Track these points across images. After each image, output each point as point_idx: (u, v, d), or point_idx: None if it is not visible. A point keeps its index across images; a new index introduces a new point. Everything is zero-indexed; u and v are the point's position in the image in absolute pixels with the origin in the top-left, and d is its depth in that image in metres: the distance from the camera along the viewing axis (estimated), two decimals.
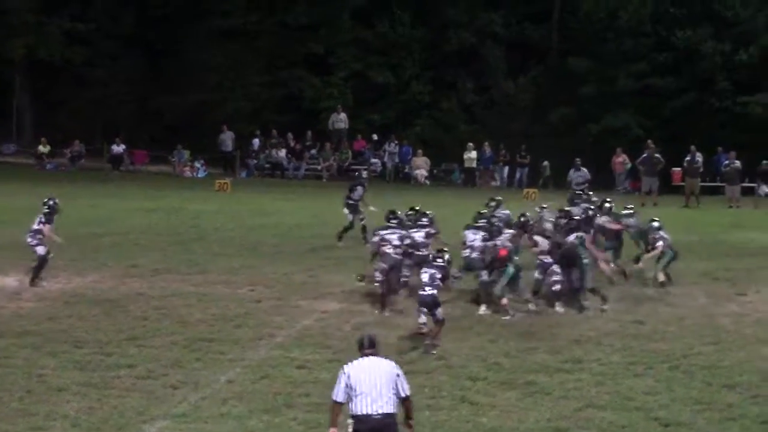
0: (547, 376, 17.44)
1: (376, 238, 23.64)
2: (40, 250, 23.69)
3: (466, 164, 51.87)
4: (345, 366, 12.39)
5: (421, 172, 52.45)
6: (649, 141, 45.40)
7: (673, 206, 40.33)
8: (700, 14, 58.32)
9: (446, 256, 20.51)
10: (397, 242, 22.75)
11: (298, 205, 39.96)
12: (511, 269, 21.75)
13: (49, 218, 24.10)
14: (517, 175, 52.39)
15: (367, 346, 12.43)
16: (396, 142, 54.19)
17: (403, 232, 23.48)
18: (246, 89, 58.51)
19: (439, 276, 19.76)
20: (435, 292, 19.33)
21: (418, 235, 23.70)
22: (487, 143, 52.36)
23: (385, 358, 12.58)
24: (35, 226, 23.84)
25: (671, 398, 16.46)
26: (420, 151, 53.05)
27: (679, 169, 47.32)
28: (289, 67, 58.76)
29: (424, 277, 19.72)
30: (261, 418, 15.28)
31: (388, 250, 22.41)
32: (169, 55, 58.71)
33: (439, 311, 19.18)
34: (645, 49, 58.33)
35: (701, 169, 44.83)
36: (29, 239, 23.82)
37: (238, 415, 15.37)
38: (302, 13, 58.48)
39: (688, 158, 44.63)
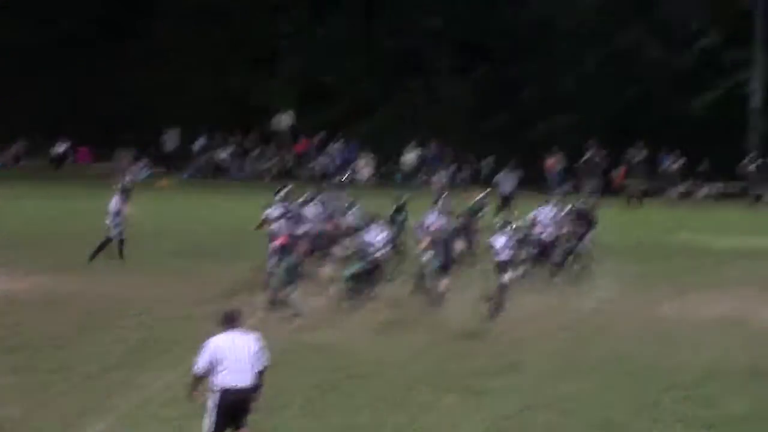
0: (486, 379, 17.37)
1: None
2: None
3: (408, 165, 51.85)
4: (210, 340, 12.77)
5: (366, 171, 52.36)
6: (590, 141, 45.58)
7: (615, 206, 40.45)
8: (640, 16, 58.60)
9: None
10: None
11: (239, 205, 39.61)
12: (291, 260, 21.85)
13: None
14: (462, 175, 52.39)
15: (230, 321, 12.81)
16: (342, 141, 54.06)
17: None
18: (190, 89, 58.08)
19: None
20: None
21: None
22: (432, 144, 52.35)
23: (250, 333, 12.93)
24: None
25: (610, 399, 16.43)
26: (364, 153, 52.96)
27: (621, 169, 47.54)
28: (233, 67, 58.36)
29: None
30: (199, 422, 15.10)
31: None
32: (113, 54, 58.15)
33: None
34: (586, 51, 58.57)
35: (644, 170, 45.06)
36: None
37: (176, 418, 15.18)
38: (247, 12, 58.09)
39: (635, 158, 44.83)
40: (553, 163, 47.41)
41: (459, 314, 21.93)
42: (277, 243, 22.68)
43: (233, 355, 12.57)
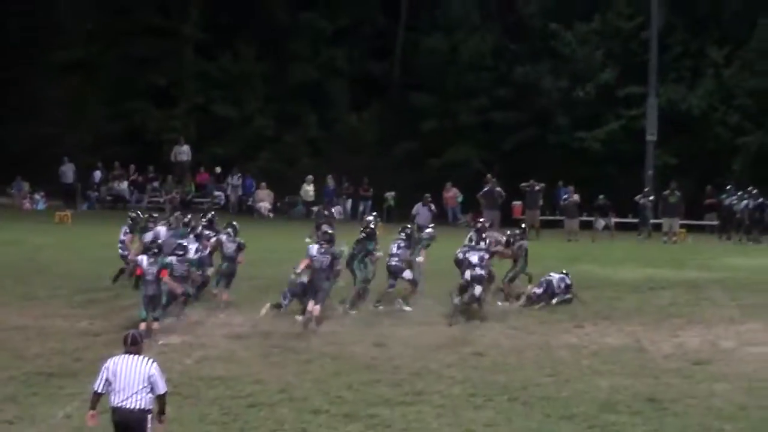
0: (388, 409, 17.49)
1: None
2: None
3: (305, 197, 51.87)
4: (108, 360, 13.20)
5: (265, 205, 52.35)
6: (489, 175, 46.00)
7: None
8: (538, 50, 59.53)
9: None
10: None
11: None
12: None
13: None
14: (361, 207, 52.59)
15: (129, 344, 13.17)
16: (239, 174, 53.96)
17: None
18: (88, 121, 57.59)
19: None
20: None
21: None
22: (330, 176, 52.47)
23: (146, 357, 13.19)
24: None
25: (510, 429, 16.65)
26: (263, 184, 52.91)
27: (519, 203, 48.07)
28: (131, 100, 57.91)
29: None
30: None
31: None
32: (9, 85, 57.46)
33: None
34: (486, 84, 59.27)
35: (541, 202, 45.57)
36: None
37: None
38: (144, 45, 57.74)
39: (527, 189, 45.33)
40: (452, 195, 47.74)
41: (363, 344, 22.05)
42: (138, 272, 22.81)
43: (123, 377, 12.93)
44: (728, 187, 45.84)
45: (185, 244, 24.57)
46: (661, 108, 53.47)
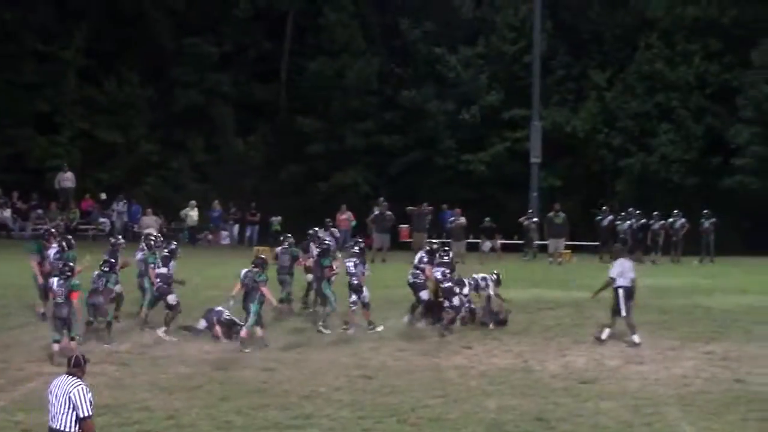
0: None
1: None
2: None
3: (188, 223, 51.36)
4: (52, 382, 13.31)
5: (151, 231, 51.76)
6: (381, 198, 46.09)
7: (402, 261, 40.97)
8: (424, 74, 60.02)
9: None
10: None
11: (23, 265, 38.66)
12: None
13: None
14: (248, 232, 52.35)
15: (71, 365, 13.26)
16: (125, 201, 53.38)
17: None
18: None
19: None
20: None
21: None
22: (216, 201, 52.16)
23: (76, 380, 13.09)
24: None
25: None
26: (149, 210, 52.38)
27: (406, 226, 48.26)
28: (15, 126, 56.94)
29: None
30: None
31: None
32: None
33: None
34: (372, 108, 59.56)
35: (428, 225, 45.77)
36: None
37: None
38: (28, 70, 56.91)
39: (415, 212, 45.50)
40: (346, 218, 47.72)
41: (253, 369, 21.98)
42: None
43: (54, 398, 13.02)
44: (603, 208, 46.55)
45: (72, 265, 24.33)
46: (545, 130, 54.15)
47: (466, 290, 26.80)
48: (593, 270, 39.84)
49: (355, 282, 26.27)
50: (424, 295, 26.97)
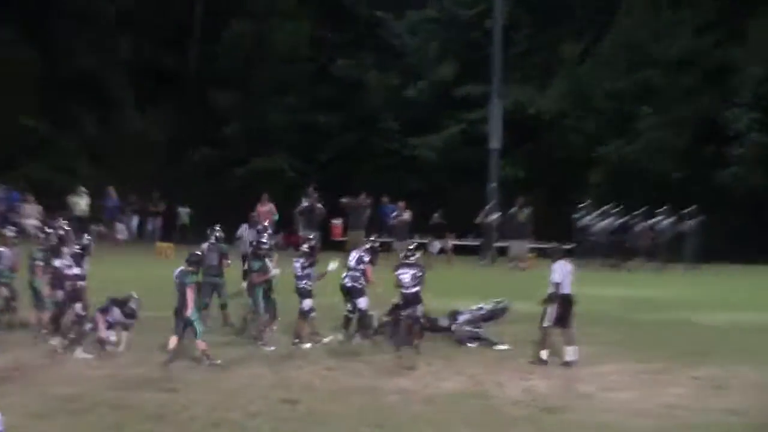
0: None
1: None
2: None
3: (77, 213, 50.78)
4: None
5: (32, 222, 51.27)
6: (311, 188, 45.78)
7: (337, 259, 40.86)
8: (363, 41, 59.94)
9: None
10: None
11: None
12: None
13: None
14: (149, 225, 52.04)
15: None
16: (2, 186, 52.81)
17: None
18: None
19: None
20: None
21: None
22: (111, 188, 51.68)
23: None
24: None
25: None
26: (31, 197, 51.78)
27: (339, 221, 48.13)
28: None
29: None
30: None
31: None
32: None
33: None
34: (301, 80, 59.38)
35: (366, 221, 45.68)
36: None
37: None
38: None
39: (351, 206, 45.36)
40: (267, 210, 47.37)
41: (150, 389, 21.75)
42: None
43: None
44: (581, 206, 46.64)
45: None
46: (506, 111, 54.17)
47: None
48: None
49: (301, 286, 26.54)
50: (363, 303, 26.99)
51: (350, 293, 27.20)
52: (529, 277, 40.38)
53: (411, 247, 28.85)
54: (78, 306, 25.25)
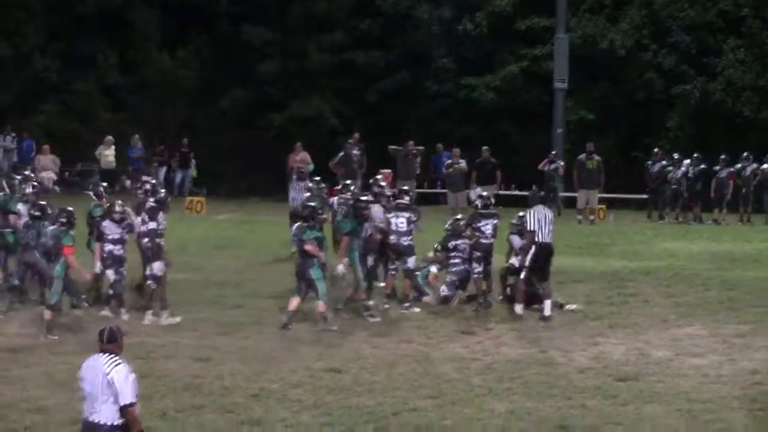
0: None
1: None
2: None
3: (104, 165, 50.90)
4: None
5: (48, 175, 51.61)
6: (357, 136, 45.80)
7: None
8: None
9: None
10: None
11: None
12: None
13: None
14: (178, 177, 52.31)
15: (105, 341, 13.48)
16: (13, 134, 53.21)
17: None
18: None
19: None
20: None
21: None
22: (137, 136, 51.87)
23: (114, 359, 13.32)
24: None
25: None
26: (47, 147, 52.12)
27: (388, 171, 48.21)
28: None
29: None
30: None
31: None
32: None
33: None
34: (342, 14, 59.29)
35: (418, 171, 45.73)
36: None
37: None
38: None
39: (399, 153, 45.39)
40: (302, 160, 47.38)
41: (181, 359, 21.97)
42: None
43: (88, 382, 13.31)
44: (655, 150, 46.43)
45: None
46: (573, 46, 54.00)
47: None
48: (636, 231, 40.03)
49: (408, 243, 27.15)
50: (411, 262, 27.15)
51: (402, 252, 27.24)
52: (598, 231, 40.43)
53: (483, 194, 29.02)
54: (157, 265, 25.53)
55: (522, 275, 25.88)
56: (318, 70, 58.41)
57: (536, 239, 25.70)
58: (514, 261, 27.16)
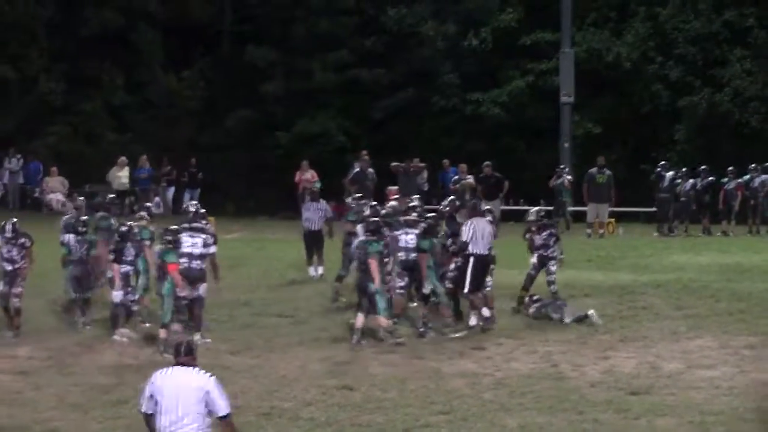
0: None
1: None
2: None
3: (116, 186, 50.85)
4: (155, 374, 13.62)
5: (57, 197, 51.67)
6: (364, 152, 45.75)
7: None
8: None
9: None
10: None
11: None
12: None
13: None
14: (187, 196, 52.31)
15: (183, 354, 13.61)
16: (20, 157, 53.28)
17: None
18: None
19: None
20: None
21: None
22: (144, 157, 51.88)
23: (201, 370, 13.54)
24: None
25: None
26: (54, 169, 52.21)
27: (394, 188, 48.22)
28: None
29: None
30: None
31: None
32: None
33: None
34: (347, 33, 59.36)
35: (426, 187, 45.73)
36: None
37: None
38: None
39: (401, 171, 45.39)
40: (309, 178, 47.41)
41: None
42: None
43: (172, 395, 13.30)
44: (662, 163, 46.34)
45: None
46: (579, 60, 54.05)
47: None
48: (646, 245, 39.99)
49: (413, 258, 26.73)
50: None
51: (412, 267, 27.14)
52: (607, 245, 40.39)
53: (487, 207, 29.21)
54: (202, 288, 25.72)
55: (465, 290, 25.89)
56: (323, 89, 58.47)
57: (471, 251, 25.74)
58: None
